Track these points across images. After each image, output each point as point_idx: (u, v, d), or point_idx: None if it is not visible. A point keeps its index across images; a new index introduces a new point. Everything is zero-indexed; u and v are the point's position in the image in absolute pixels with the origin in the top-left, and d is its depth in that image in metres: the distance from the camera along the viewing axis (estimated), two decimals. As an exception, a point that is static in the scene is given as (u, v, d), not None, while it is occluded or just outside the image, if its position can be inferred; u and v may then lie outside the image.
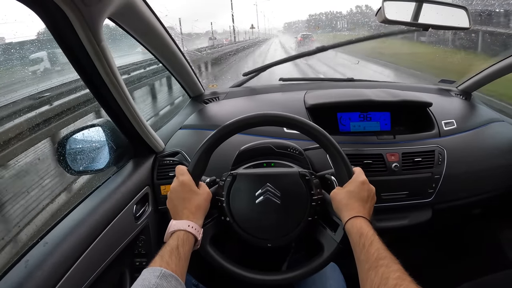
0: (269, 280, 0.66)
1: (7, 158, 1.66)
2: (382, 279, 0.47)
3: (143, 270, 0.51)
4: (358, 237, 0.56)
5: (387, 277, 0.47)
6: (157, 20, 0.81)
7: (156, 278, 0.48)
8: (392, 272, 0.47)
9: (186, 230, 0.59)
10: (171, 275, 0.50)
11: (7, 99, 1.99)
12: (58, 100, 2.33)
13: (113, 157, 0.86)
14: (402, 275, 0.47)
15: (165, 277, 0.49)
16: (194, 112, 1.13)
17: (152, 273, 0.49)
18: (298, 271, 0.66)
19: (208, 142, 0.67)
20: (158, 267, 0.51)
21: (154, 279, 0.48)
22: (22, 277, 0.54)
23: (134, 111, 0.78)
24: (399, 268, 0.48)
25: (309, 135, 0.67)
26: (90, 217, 0.69)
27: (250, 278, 0.65)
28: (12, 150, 1.68)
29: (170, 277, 0.50)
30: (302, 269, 0.66)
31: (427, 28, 0.87)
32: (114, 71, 0.68)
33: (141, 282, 0.48)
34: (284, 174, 0.71)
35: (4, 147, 1.64)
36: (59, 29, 0.58)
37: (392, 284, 0.45)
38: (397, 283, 0.45)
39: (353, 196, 0.62)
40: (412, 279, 0.46)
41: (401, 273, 0.47)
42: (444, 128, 1.04)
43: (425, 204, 0.98)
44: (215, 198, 0.69)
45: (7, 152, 1.65)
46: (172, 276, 0.50)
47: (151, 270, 0.50)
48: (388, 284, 0.46)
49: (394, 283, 0.45)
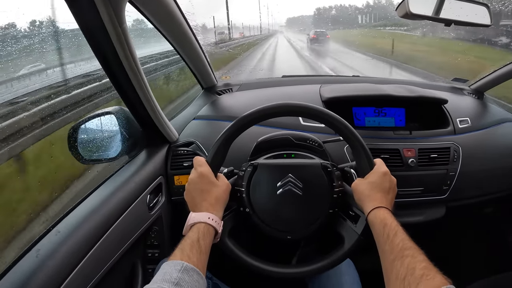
0: (289, 273, 0.65)
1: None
2: (408, 269, 0.46)
3: (163, 264, 0.49)
4: (382, 228, 0.55)
5: (413, 267, 0.46)
6: (177, 7, 0.79)
7: (178, 272, 0.47)
8: (418, 262, 0.46)
9: (206, 222, 0.57)
10: (192, 269, 0.49)
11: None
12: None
13: (126, 146, 0.84)
14: (428, 265, 0.46)
15: (186, 271, 0.48)
16: (207, 103, 1.11)
17: (173, 267, 0.48)
18: (318, 263, 0.64)
19: (227, 132, 0.65)
20: (179, 261, 0.49)
21: (175, 273, 0.47)
22: (33, 267, 0.52)
23: (151, 99, 0.77)
24: (424, 258, 0.47)
25: (330, 125, 0.66)
26: (104, 206, 0.67)
27: (269, 271, 0.64)
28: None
29: (192, 271, 0.48)
30: (323, 261, 0.64)
31: (449, 23, 0.86)
32: (134, 56, 0.66)
33: (162, 276, 0.47)
34: (306, 165, 0.70)
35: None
36: (82, 9, 0.56)
37: (419, 274, 0.44)
38: (424, 273, 0.44)
39: (375, 187, 0.61)
40: (438, 270, 0.45)
41: (427, 263, 0.46)
42: (459, 125, 1.04)
43: (439, 201, 0.97)
44: (234, 189, 0.68)
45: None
46: (194, 270, 0.49)
47: (172, 263, 0.49)
48: (414, 274, 0.45)
49: (421, 273, 0.44)
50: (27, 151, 1.49)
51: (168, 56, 4.03)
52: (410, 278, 0.45)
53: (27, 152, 1.50)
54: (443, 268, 0.45)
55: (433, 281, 0.43)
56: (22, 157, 1.51)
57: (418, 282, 0.44)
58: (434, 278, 0.43)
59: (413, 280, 0.44)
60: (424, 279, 0.44)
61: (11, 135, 1.37)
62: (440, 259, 0.49)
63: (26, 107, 1.61)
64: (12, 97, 1.75)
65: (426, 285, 0.43)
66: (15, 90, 1.85)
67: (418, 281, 0.44)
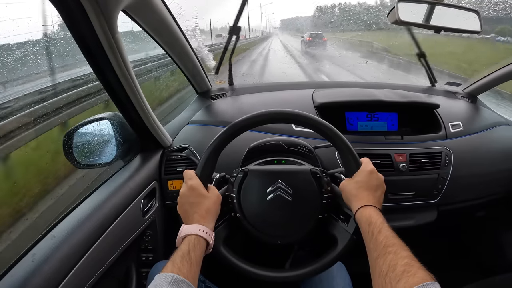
0: (285, 276, 0.65)
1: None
2: (390, 266, 0.46)
3: (155, 276, 0.50)
4: (367, 226, 0.56)
5: (395, 264, 0.46)
6: (170, 15, 0.80)
7: (168, 284, 0.48)
8: (401, 258, 0.47)
9: (197, 234, 0.59)
10: (182, 280, 0.50)
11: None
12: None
13: (121, 151, 0.85)
14: (411, 261, 0.46)
15: (176, 283, 0.49)
16: (201, 108, 1.13)
17: (164, 279, 0.49)
18: (312, 266, 0.65)
19: (215, 142, 0.66)
20: (170, 273, 0.50)
21: (165, 285, 0.48)
22: (29, 271, 0.53)
23: (144, 105, 0.78)
24: (408, 254, 0.47)
25: (316, 130, 0.67)
26: (98, 211, 0.69)
27: (265, 276, 0.65)
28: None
29: (182, 283, 0.49)
30: (317, 263, 0.65)
31: (439, 30, 0.87)
32: (126, 64, 0.68)
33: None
34: (296, 171, 0.71)
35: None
36: (74, 19, 0.57)
37: (400, 270, 0.45)
38: (405, 270, 0.44)
39: (362, 185, 0.62)
40: (421, 265, 0.45)
41: (410, 259, 0.46)
42: (451, 130, 1.05)
43: (430, 205, 0.98)
44: (225, 195, 0.69)
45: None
46: (184, 282, 0.50)
47: (163, 276, 0.50)
48: (396, 271, 0.45)
49: (402, 269, 0.45)
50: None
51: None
52: (391, 275, 0.45)
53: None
54: (436, 271, 0.45)
55: (414, 277, 0.43)
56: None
57: (399, 278, 0.44)
58: (415, 274, 0.43)
59: (394, 277, 0.45)
60: (405, 275, 0.44)
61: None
62: (432, 262, 0.50)
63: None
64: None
65: (407, 281, 0.43)
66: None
67: (399, 277, 0.44)
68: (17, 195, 1.52)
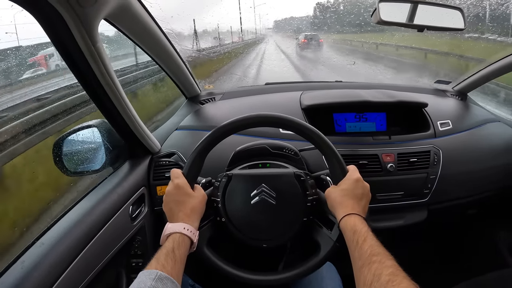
0: (266, 280, 0.66)
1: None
2: (374, 275, 0.46)
3: (140, 273, 0.51)
4: (351, 235, 0.56)
5: (379, 274, 0.46)
6: (153, 21, 0.81)
7: (152, 281, 0.49)
8: (385, 268, 0.47)
9: (181, 232, 0.59)
10: (166, 277, 0.50)
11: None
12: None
13: (109, 158, 0.86)
14: (396, 271, 0.46)
15: (160, 280, 0.49)
16: (190, 112, 1.13)
17: (148, 276, 0.50)
18: (294, 270, 0.66)
19: (202, 144, 0.67)
20: (154, 270, 0.51)
21: (149, 282, 0.48)
22: (18, 278, 0.54)
23: (130, 112, 0.79)
24: (392, 264, 0.48)
25: (302, 135, 0.68)
26: (87, 218, 0.69)
27: (246, 278, 0.66)
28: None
29: (165, 280, 0.50)
30: (299, 268, 0.66)
31: (422, 29, 0.88)
32: (109, 72, 0.68)
33: (137, 285, 0.49)
34: (279, 174, 0.72)
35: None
36: (54, 30, 0.58)
37: (385, 280, 0.45)
38: (390, 279, 0.45)
39: (347, 194, 0.62)
40: (406, 275, 0.45)
41: (395, 269, 0.46)
42: (440, 128, 1.05)
43: (420, 204, 0.98)
44: (210, 199, 0.69)
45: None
46: (168, 279, 0.50)
47: (147, 272, 0.50)
48: (380, 281, 0.45)
49: (387, 279, 0.45)
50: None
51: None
52: (376, 284, 0.45)
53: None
54: (426, 270, 0.44)
55: (399, 287, 0.43)
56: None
57: None
58: (400, 284, 0.44)
59: (379, 286, 0.45)
60: (390, 285, 0.44)
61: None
62: (424, 262, 0.50)
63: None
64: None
65: None
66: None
67: (384, 287, 0.44)
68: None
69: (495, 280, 0.97)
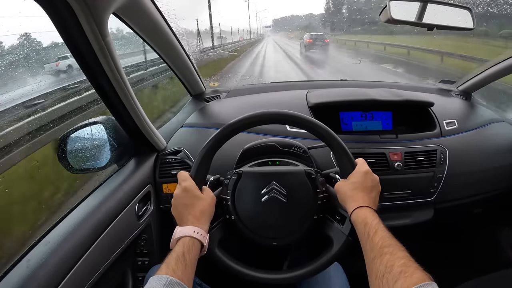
0: (280, 278, 0.65)
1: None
2: (386, 267, 0.46)
3: (150, 278, 0.50)
4: (363, 227, 0.55)
5: (392, 265, 0.46)
6: (161, 17, 0.80)
7: (162, 286, 0.48)
8: (397, 259, 0.46)
9: (191, 236, 0.58)
10: (177, 282, 0.49)
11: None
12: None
13: (115, 155, 0.85)
14: (408, 262, 0.46)
15: (171, 285, 0.48)
16: (195, 110, 1.12)
17: (158, 281, 0.49)
18: (308, 267, 0.65)
19: (209, 144, 0.66)
20: (165, 275, 0.50)
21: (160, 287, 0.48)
22: (24, 277, 0.53)
23: (137, 109, 0.77)
24: (404, 255, 0.47)
25: (310, 130, 0.67)
26: (92, 216, 0.68)
27: (260, 278, 0.64)
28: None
29: (176, 285, 0.49)
30: (312, 265, 0.65)
31: (431, 28, 0.87)
32: (118, 67, 0.67)
33: None
34: (290, 172, 0.71)
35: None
36: (64, 22, 0.57)
37: (397, 271, 0.44)
38: (402, 270, 0.44)
39: (357, 186, 0.62)
40: (418, 266, 0.45)
41: (407, 260, 0.46)
42: (446, 128, 1.05)
43: (427, 203, 0.98)
44: (220, 198, 0.68)
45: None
46: (179, 284, 0.49)
47: (158, 278, 0.49)
48: (393, 272, 0.45)
49: (399, 270, 0.44)
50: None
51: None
52: (388, 276, 0.45)
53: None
54: (432, 269, 0.44)
55: (411, 278, 0.43)
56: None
57: (396, 279, 0.43)
58: (412, 274, 0.43)
59: (391, 278, 0.44)
60: (402, 276, 0.43)
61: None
62: (429, 260, 0.49)
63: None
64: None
65: (404, 282, 0.43)
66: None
67: (396, 278, 0.44)
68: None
69: (500, 280, 0.97)
